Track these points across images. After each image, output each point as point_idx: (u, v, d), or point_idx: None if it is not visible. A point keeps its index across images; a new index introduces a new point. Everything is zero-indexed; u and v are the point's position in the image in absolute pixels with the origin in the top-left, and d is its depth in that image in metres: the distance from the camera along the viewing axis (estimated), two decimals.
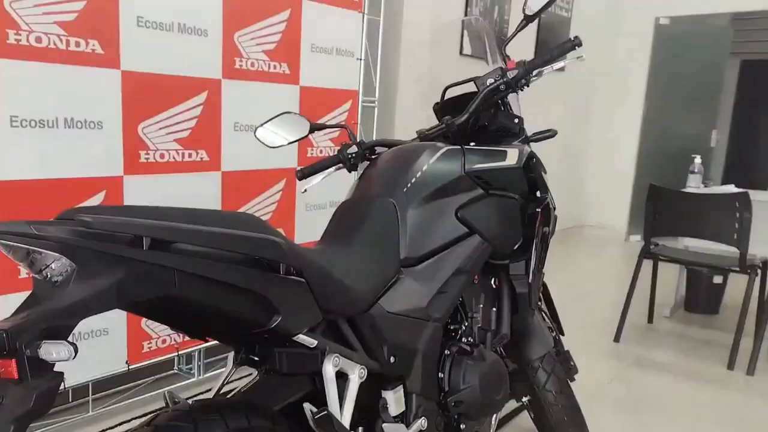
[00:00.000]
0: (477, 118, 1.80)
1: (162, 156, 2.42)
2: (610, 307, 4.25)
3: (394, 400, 1.44)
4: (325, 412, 1.23)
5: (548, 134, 1.97)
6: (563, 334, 2.10)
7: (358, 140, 1.90)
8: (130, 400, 2.46)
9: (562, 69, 1.86)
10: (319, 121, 2.86)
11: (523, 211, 1.80)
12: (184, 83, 2.45)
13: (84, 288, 0.91)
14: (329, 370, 1.27)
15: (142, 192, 2.37)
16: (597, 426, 2.16)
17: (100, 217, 0.91)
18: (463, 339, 1.70)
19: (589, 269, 5.53)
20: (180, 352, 2.60)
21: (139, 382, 2.55)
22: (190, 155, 2.51)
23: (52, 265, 0.93)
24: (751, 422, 2.70)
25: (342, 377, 1.32)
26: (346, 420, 1.30)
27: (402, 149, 1.75)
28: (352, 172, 1.92)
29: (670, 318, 4.15)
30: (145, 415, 2.39)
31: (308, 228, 3.07)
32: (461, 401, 1.57)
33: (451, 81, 1.98)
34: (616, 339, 3.64)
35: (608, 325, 3.78)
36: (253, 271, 1.11)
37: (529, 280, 1.84)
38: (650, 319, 4.02)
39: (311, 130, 1.92)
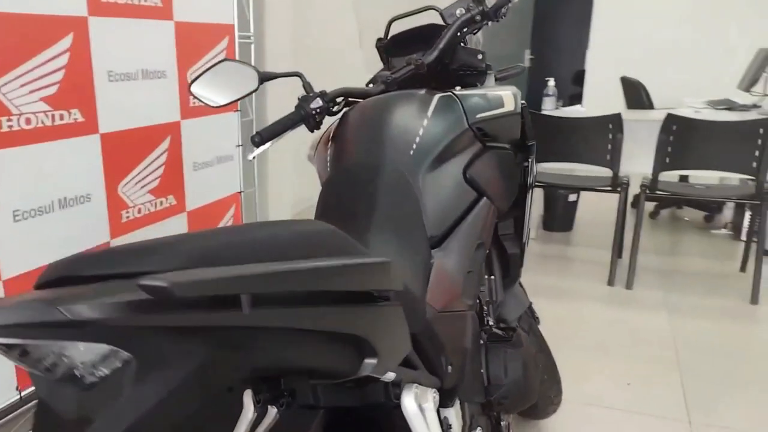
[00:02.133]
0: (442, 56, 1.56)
1: (28, 121, 1.87)
2: None
3: (455, 417, 1.21)
4: None
5: (516, 71, 1.79)
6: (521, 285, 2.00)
7: (319, 91, 1.56)
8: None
9: None
10: (200, 63, 2.43)
11: (515, 162, 1.62)
12: (44, 23, 1.88)
13: (149, 391, 0.58)
14: (411, 405, 1.00)
15: (8, 171, 1.82)
16: None
17: (174, 277, 0.55)
18: (488, 322, 1.50)
19: None
20: None
21: (30, 405, 2.05)
22: (61, 117, 1.97)
23: (84, 361, 0.58)
24: (643, 332, 2.87)
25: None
26: None
27: (382, 101, 1.44)
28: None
29: (536, 239, 4.31)
30: None
31: (198, 191, 2.64)
32: (506, 397, 1.38)
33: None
34: None
35: None
36: (351, 309, 0.81)
37: (524, 239, 1.69)
38: None
39: (261, 81, 1.55)
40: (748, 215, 4.16)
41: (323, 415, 1.18)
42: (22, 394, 1.91)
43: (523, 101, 1.64)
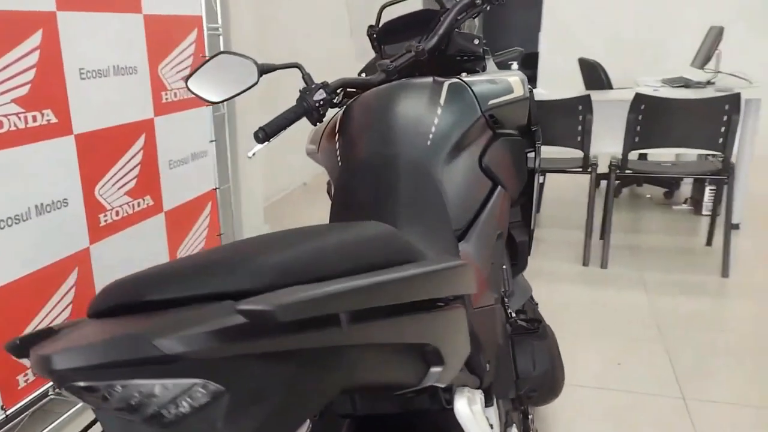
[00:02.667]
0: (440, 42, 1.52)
1: (0, 124, 1.75)
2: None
3: (494, 416, 1.18)
4: None
5: (514, 54, 1.77)
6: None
7: (320, 82, 1.49)
8: None
9: None
10: (170, 57, 2.34)
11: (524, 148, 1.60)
12: (11, 20, 1.77)
13: (243, 424, 0.54)
14: (464, 409, 0.97)
15: None
16: None
17: (276, 300, 0.51)
18: (511, 314, 1.47)
19: None
20: None
21: (16, 422, 1.94)
22: (34, 119, 1.86)
23: (171, 397, 0.52)
24: (624, 311, 2.92)
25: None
26: None
27: (391, 90, 1.39)
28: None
29: None
30: None
31: (175, 190, 2.54)
32: (535, 390, 1.36)
33: None
34: None
35: None
36: (424, 316, 0.77)
37: (532, 226, 1.68)
38: None
39: (260, 74, 1.47)
40: (708, 190, 4.27)
41: (354, 422, 1.14)
42: (8, 412, 1.80)
43: (530, 86, 1.61)
